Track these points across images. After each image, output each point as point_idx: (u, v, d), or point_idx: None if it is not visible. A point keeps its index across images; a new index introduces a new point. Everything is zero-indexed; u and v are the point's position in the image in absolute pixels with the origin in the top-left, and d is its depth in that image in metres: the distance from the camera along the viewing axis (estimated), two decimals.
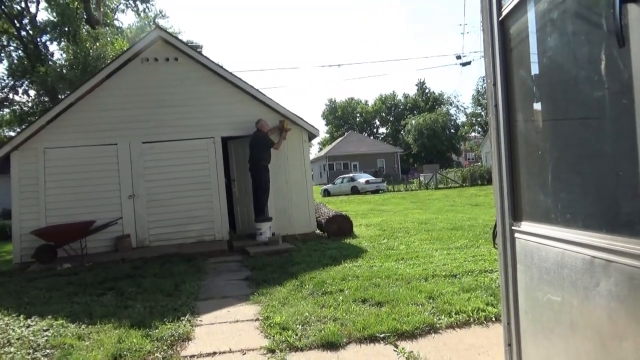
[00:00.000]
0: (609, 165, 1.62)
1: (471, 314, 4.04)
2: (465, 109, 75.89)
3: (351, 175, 36.14)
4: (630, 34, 1.34)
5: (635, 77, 1.33)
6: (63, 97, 11.39)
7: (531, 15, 2.09)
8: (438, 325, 3.87)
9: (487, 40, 2.42)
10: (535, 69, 2.14)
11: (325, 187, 35.98)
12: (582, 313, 1.74)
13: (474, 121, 70.09)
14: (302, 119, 9.88)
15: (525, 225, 2.21)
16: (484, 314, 4.05)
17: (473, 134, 69.55)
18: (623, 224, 1.54)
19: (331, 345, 3.58)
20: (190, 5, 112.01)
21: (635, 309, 1.43)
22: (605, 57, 1.56)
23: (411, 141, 61.11)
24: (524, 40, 2.18)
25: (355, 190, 32.07)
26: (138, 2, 29.04)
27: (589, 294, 1.68)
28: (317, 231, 10.00)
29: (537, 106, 2.15)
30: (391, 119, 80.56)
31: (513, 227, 2.32)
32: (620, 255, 1.48)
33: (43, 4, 26.03)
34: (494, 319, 3.95)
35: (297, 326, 3.99)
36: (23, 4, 25.55)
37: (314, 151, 71.70)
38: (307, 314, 4.29)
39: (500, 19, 2.30)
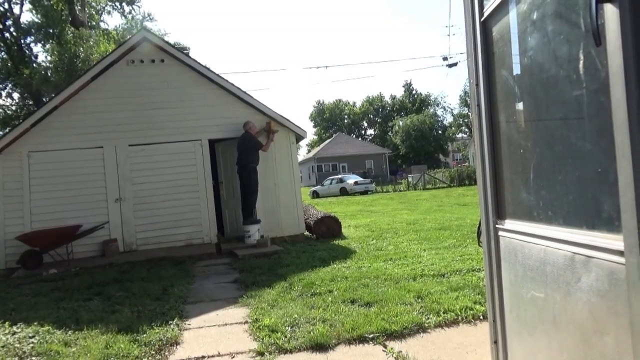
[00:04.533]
0: (588, 162, 1.65)
1: (459, 313, 4.07)
2: (452, 110, 76.67)
3: (340, 176, 36.19)
4: (606, 33, 1.37)
5: (611, 75, 1.36)
6: (47, 99, 11.24)
7: (512, 15, 2.12)
8: (427, 325, 3.88)
9: (469, 41, 2.45)
10: (516, 69, 2.17)
11: (314, 188, 35.98)
12: (564, 309, 1.76)
13: (461, 122, 70.67)
14: (289, 120, 9.87)
15: (509, 223, 2.24)
16: (472, 312, 4.08)
17: (460, 134, 70.07)
18: (602, 220, 1.56)
19: (320, 346, 3.58)
20: (178, 7, 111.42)
21: (615, 304, 1.45)
22: (583, 56, 1.59)
23: (399, 142, 61.42)
24: (506, 40, 2.21)
25: (344, 192, 32.15)
26: (124, 4, 28.81)
27: (570, 289, 1.70)
28: (306, 233, 9.99)
29: (519, 106, 2.18)
30: (379, 120, 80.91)
31: (497, 225, 2.34)
32: (600, 251, 1.51)
33: (27, 5, 25.71)
34: (481, 317, 3.98)
35: (286, 328, 3.98)
36: (6, 5, 25.22)
37: (303, 153, 71.78)
38: (296, 315, 4.28)
39: (482, 19, 2.33)
